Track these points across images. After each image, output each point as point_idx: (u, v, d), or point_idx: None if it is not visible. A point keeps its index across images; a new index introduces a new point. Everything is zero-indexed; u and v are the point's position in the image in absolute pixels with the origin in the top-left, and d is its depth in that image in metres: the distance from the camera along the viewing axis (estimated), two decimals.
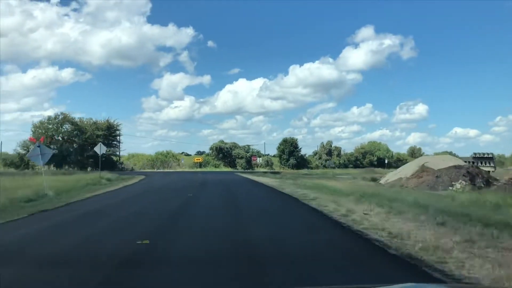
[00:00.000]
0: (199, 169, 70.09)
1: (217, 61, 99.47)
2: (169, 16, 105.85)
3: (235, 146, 79.95)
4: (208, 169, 72.45)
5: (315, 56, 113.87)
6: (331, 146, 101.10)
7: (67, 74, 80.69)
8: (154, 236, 7.67)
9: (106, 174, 35.00)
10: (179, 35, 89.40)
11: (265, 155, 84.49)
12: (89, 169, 61.09)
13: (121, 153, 69.04)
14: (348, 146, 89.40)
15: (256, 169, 78.68)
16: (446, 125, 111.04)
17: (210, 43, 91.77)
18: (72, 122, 58.67)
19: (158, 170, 66.78)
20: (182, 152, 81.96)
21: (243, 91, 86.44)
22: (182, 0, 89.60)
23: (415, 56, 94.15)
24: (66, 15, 79.21)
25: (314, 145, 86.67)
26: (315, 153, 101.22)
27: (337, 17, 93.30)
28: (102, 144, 31.81)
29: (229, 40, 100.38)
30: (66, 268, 5.37)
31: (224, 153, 77.47)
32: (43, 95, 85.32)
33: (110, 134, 60.75)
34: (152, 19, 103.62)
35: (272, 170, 69.29)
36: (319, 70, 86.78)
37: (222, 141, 79.91)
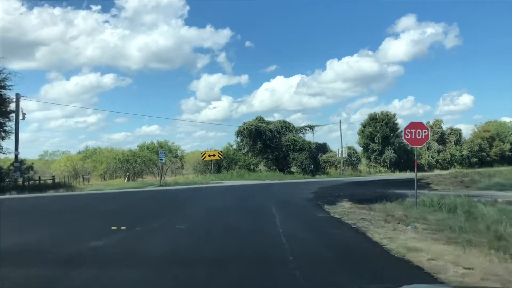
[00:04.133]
0: (212, 181, 31.30)
1: (255, 60, 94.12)
2: (206, 17, 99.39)
3: (286, 127, 40.43)
4: (231, 176, 33.48)
5: (354, 49, 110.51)
6: (441, 128, 59.32)
7: (108, 79, 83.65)
8: None
9: None
10: (216, 36, 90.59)
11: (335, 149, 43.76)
12: None
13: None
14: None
15: (334, 174, 38.63)
16: (492, 115, 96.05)
17: (247, 43, 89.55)
18: None
19: (125, 189, 28.43)
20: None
21: (281, 89, 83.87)
22: (219, 1, 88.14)
23: (459, 44, 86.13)
24: (106, 21, 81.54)
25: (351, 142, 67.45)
26: None
27: (375, 7, 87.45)
28: None
29: (266, 38, 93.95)
30: None
31: (264, 141, 38.21)
32: (86, 101, 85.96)
33: None
34: (190, 21, 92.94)
35: (379, 176, 29.31)
36: (358, 63, 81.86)
37: (260, 119, 40.65)
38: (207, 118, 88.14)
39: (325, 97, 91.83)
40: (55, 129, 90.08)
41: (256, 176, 34.02)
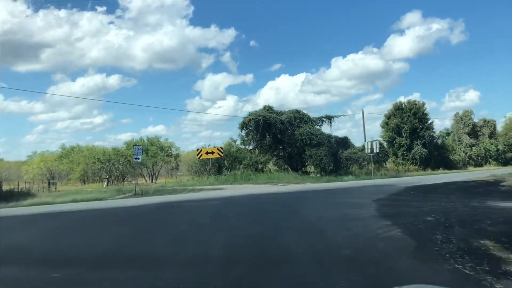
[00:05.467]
0: (210, 185, 24.57)
1: (259, 59, 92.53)
2: (211, 17, 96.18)
3: (300, 118, 33.48)
4: (234, 179, 26.53)
5: (358, 46, 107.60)
6: (472, 119, 52.19)
7: (113, 80, 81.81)
8: None
9: None
10: (221, 36, 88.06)
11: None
12: None
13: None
14: None
15: (360, 174, 31.85)
16: (499, 111, 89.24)
17: (252, 43, 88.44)
18: None
19: (82, 202, 21.61)
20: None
21: (286, 87, 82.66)
22: (223, 1, 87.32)
23: (465, 39, 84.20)
24: (111, 22, 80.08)
25: (361, 140, 60.43)
26: (447, 133, 52.73)
27: (380, 4, 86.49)
28: None
29: (271, 37, 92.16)
30: None
31: (274, 134, 31.26)
32: (92, 102, 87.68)
33: None
34: (194, 21, 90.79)
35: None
36: (363, 60, 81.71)
37: (268, 108, 33.63)
38: (212, 118, 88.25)
39: (330, 95, 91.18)
40: (61, 130, 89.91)
41: (265, 178, 27.11)
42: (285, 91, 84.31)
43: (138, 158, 18.72)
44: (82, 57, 79.65)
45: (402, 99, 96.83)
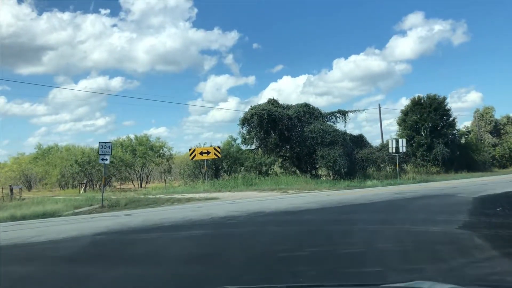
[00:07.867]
0: (204, 192, 19.94)
1: (261, 61, 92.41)
2: (214, 20, 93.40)
3: (310, 113, 28.99)
4: (234, 184, 21.97)
5: (360, 47, 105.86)
6: (493, 116, 47.76)
7: (116, 82, 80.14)
8: None
9: None
10: (224, 38, 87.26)
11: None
12: None
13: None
14: None
15: (379, 177, 27.58)
16: (501, 112, 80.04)
17: (255, 45, 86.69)
18: None
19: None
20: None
21: (287, 89, 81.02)
22: (226, 4, 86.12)
23: (467, 40, 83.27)
24: (115, 25, 78.40)
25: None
26: (468, 131, 48.19)
27: (382, 5, 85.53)
28: None
29: (273, 39, 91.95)
30: None
31: (281, 132, 26.79)
32: (95, 104, 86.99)
33: None
34: (198, 23, 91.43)
35: None
36: (365, 62, 79.37)
37: (273, 102, 29.09)
38: (214, 120, 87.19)
39: (332, 97, 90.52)
40: (63, 132, 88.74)
41: (271, 183, 22.65)
42: (287, 93, 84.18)
43: (106, 159, 14.26)
44: (85, 59, 79.26)
45: (404, 100, 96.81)
